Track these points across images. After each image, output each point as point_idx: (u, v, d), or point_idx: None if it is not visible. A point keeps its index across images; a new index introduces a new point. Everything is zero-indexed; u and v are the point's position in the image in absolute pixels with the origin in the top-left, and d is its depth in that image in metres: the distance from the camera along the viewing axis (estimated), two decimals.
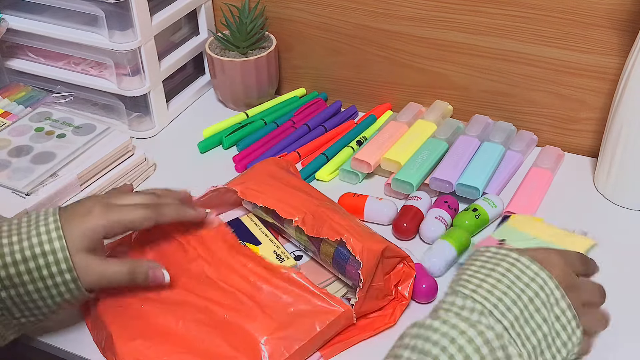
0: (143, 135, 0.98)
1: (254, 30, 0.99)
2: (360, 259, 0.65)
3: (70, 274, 0.60)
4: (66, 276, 0.60)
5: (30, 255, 0.59)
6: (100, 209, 0.64)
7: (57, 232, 0.61)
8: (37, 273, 0.59)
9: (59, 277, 0.60)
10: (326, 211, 0.71)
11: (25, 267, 0.59)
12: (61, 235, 0.60)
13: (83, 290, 0.62)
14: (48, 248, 0.60)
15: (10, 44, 0.99)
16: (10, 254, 0.59)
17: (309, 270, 0.74)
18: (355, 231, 0.68)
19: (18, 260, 0.59)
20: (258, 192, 0.74)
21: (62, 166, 0.81)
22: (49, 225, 0.61)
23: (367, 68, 1.01)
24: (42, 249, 0.60)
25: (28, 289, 0.60)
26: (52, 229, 0.61)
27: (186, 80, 1.06)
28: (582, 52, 0.86)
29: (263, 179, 0.77)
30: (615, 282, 0.74)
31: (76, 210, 0.64)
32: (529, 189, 0.85)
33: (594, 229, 0.80)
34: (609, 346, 0.67)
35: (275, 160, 0.83)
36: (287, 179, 0.78)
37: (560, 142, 0.94)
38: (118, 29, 0.89)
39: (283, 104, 1.03)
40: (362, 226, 0.71)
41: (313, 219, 0.70)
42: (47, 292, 0.60)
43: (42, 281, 0.60)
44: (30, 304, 0.60)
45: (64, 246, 0.60)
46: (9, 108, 0.94)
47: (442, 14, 0.91)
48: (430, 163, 0.86)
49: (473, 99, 0.96)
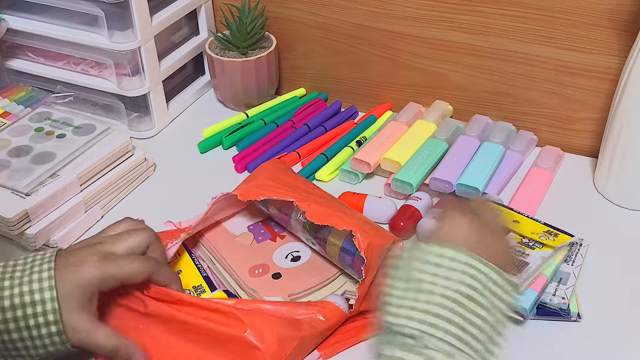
0: (143, 135, 0.98)
1: (254, 30, 0.99)
2: (364, 256, 0.65)
3: (56, 326, 0.58)
4: (52, 328, 0.58)
5: (19, 303, 0.58)
6: (94, 261, 0.61)
7: (49, 281, 0.59)
8: (24, 322, 0.58)
9: (44, 329, 0.58)
10: (332, 204, 0.71)
11: (12, 314, 0.58)
12: (52, 286, 0.58)
13: (68, 346, 0.60)
14: (38, 297, 0.58)
15: (10, 44, 0.99)
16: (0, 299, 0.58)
17: (312, 266, 0.75)
18: (361, 226, 0.68)
19: (6, 307, 0.58)
20: (259, 190, 0.74)
21: (62, 166, 0.81)
22: (43, 273, 0.59)
23: (367, 68, 1.01)
24: (32, 298, 0.58)
25: (12, 337, 0.58)
26: (45, 278, 0.59)
27: (186, 80, 1.06)
28: (582, 52, 0.86)
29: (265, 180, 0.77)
30: (615, 282, 0.74)
31: (70, 260, 0.61)
32: (529, 189, 0.85)
33: (594, 229, 0.80)
34: (610, 345, 0.67)
35: (275, 162, 0.83)
36: (289, 178, 0.78)
37: (560, 142, 0.94)
38: (118, 29, 0.89)
39: (283, 104, 1.03)
40: (368, 222, 0.71)
41: (318, 207, 0.70)
42: (31, 342, 0.59)
43: (27, 330, 0.58)
44: (13, 352, 0.59)
45: (54, 297, 0.58)
46: (9, 108, 0.94)
47: (442, 14, 0.91)
48: (430, 163, 0.86)
49: (473, 99, 0.96)
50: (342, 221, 0.68)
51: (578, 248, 0.74)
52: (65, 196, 0.80)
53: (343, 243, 0.70)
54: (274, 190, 0.74)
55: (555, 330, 0.68)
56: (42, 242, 0.77)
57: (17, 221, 0.75)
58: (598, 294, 0.72)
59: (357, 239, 0.66)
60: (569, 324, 0.69)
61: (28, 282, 0.59)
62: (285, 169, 0.81)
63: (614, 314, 0.70)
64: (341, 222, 0.68)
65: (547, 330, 0.68)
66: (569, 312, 0.68)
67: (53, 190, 0.78)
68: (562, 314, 0.68)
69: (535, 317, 0.69)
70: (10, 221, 0.74)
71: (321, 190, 0.77)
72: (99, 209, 0.83)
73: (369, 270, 0.66)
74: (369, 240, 0.66)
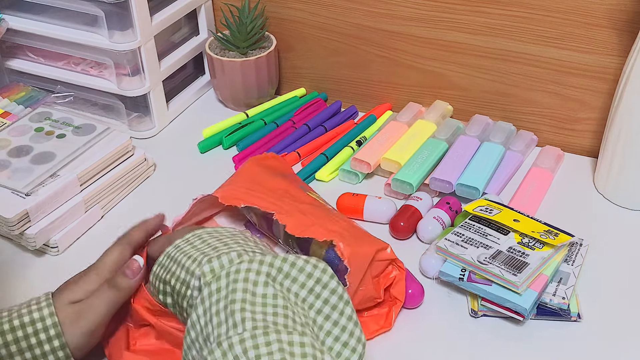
0: (143, 135, 0.98)
1: (254, 30, 0.99)
2: (347, 265, 0.65)
3: (59, 340, 0.59)
4: (54, 343, 0.59)
5: (18, 325, 0.59)
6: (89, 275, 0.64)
7: (47, 301, 0.60)
8: (25, 342, 0.59)
9: (47, 345, 0.59)
10: (316, 210, 0.70)
11: (12, 336, 0.59)
12: (50, 303, 0.60)
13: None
14: (37, 316, 0.59)
15: (10, 44, 0.99)
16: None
17: None
18: (344, 235, 0.67)
19: (6, 330, 0.59)
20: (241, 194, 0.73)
21: (62, 166, 0.81)
22: (40, 298, 0.61)
23: (367, 68, 1.01)
24: (31, 317, 0.59)
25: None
26: (42, 300, 0.61)
27: (186, 80, 1.06)
28: (582, 52, 0.86)
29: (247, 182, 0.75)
30: (615, 282, 0.74)
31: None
32: (529, 189, 0.85)
33: (594, 229, 0.80)
34: (610, 345, 0.67)
35: (259, 161, 0.81)
36: (273, 181, 0.76)
37: (560, 142, 0.94)
38: (118, 29, 0.89)
39: (283, 104, 1.03)
40: (353, 227, 0.71)
41: (300, 216, 0.69)
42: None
43: (29, 351, 0.59)
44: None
45: (53, 312, 0.60)
46: (9, 108, 0.94)
47: (442, 14, 0.91)
48: (430, 163, 0.86)
49: (473, 99, 0.96)
50: (324, 230, 0.67)
51: (578, 248, 0.74)
52: (65, 196, 0.80)
53: (325, 253, 0.69)
54: (256, 195, 0.72)
55: (555, 330, 0.68)
56: (42, 242, 0.77)
57: (17, 221, 0.75)
58: (598, 294, 0.72)
59: (339, 248, 0.66)
60: (569, 324, 0.69)
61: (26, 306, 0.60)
62: (272, 167, 0.79)
63: (614, 314, 0.70)
64: (323, 232, 0.67)
65: (547, 330, 0.68)
66: (569, 312, 0.68)
67: (53, 190, 0.78)
68: (562, 314, 0.68)
69: (535, 317, 0.69)
70: (10, 221, 0.74)
71: (306, 195, 0.75)
72: (99, 209, 0.83)
73: (354, 278, 0.65)
74: (352, 249, 0.66)
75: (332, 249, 0.68)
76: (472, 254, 0.70)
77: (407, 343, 0.67)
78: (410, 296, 0.70)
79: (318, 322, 0.52)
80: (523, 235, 0.72)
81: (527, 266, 0.68)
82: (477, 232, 0.73)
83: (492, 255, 0.70)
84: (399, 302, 0.69)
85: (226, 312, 0.49)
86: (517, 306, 0.67)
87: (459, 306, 0.71)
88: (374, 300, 0.68)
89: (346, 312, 0.52)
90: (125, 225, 0.69)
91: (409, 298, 0.70)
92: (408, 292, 0.69)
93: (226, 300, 0.50)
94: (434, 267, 0.73)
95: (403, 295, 0.69)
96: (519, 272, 0.67)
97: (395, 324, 0.69)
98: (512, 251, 0.70)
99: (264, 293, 0.50)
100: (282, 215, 0.69)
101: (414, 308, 0.71)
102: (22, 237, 0.77)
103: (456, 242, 0.72)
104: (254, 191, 0.73)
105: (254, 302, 0.50)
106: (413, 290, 0.70)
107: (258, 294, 0.50)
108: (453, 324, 0.69)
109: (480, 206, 0.76)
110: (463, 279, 0.70)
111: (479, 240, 0.72)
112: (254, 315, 0.48)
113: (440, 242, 0.72)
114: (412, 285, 0.70)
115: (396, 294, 0.69)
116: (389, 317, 0.69)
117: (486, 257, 0.69)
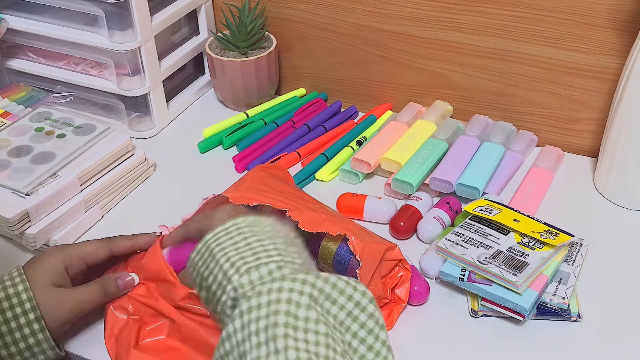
0: (143, 135, 0.98)
1: (254, 30, 0.99)
2: (360, 259, 0.65)
3: (34, 312, 0.61)
4: (30, 316, 0.61)
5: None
6: (55, 248, 0.67)
7: (20, 277, 0.63)
8: (1, 316, 0.61)
9: (22, 318, 0.61)
10: (324, 210, 0.71)
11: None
12: (24, 279, 0.62)
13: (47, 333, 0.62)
14: (12, 291, 0.61)
15: (10, 44, 0.99)
16: None
17: None
18: (354, 231, 0.68)
19: None
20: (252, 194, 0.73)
21: (62, 166, 0.81)
22: (13, 273, 0.63)
23: (367, 68, 1.01)
24: (6, 293, 0.61)
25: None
26: (16, 276, 0.63)
27: (186, 80, 1.06)
28: (582, 52, 0.86)
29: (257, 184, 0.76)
30: (615, 282, 0.74)
31: (34, 259, 0.66)
32: (529, 189, 0.85)
33: (594, 229, 0.80)
34: (610, 345, 0.67)
35: (267, 168, 0.82)
36: (281, 185, 0.77)
37: (560, 142, 0.94)
38: (118, 29, 0.89)
39: (283, 104, 1.03)
40: (361, 228, 0.71)
41: (311, 214, 0.70)
42: (10, 336, 0.61)
43: (5, 324, 0.61)
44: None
45: (27, 287, 0.62)
46: (9, 108, 0.94)
47: (442, 14, 0.91)
48: (430, 163, 0.86)
49: (473, 99, 0.96)
50: (336, 226, 0.68)
51: (578, 248, 0.74)
52: (66, 196, 0.80)
53: (337, 247, 0.70)
54: (266, 195, 0.73)
55: (555, 330, 0.68)
56: (42, 242, 0.77)
57: (17, 221, 0.75)
58: (598, 294, 0.72)
59: (352, 242, 0.66)
60: (569, 323, 0.69)
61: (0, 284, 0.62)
62: (276, 175, 0.80)
63: (614, 314, 0.70)
64: (335, 227, 0.68)
65: (547, 330, 0.68)
66: (569, 312, 0.68)
67: (53, 190, 0.78)
68: (562, 314, 0.68)
69: (535, 317, 0.69)
70: (10, 221, 0.74)
71: (313, 199, 0.76)
72: (99, 209, 0.83)
73: (365, 273, 0.66)
74: (364, 245, 0.66)
75: (344, 244, 0.68)
76: (472, 254, 0.70)
77: (408, 343, 0.67)
78: (416, 293, 0.70)
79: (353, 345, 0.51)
80: (523, 235, 0.72)
81: (527, 266, 0.68)
82: (477, 232, 0.73)
83: (492, 255, 0.70)
84: (401, 303, 0.69)
85: (267, 334, 0.48)
86: (517, 306, 0.67)
87: (459, 306, 0.71)
88: (381, 300, 0.69)
89: (381, 337, 0.52)
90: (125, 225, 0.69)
91: (415, 295, 0.70)
92: (414, 289, 0.70)
93: (267, 321, 0.48)
94: (434, 267, 0.73)
95: (407, 296, 0.69)
96: (519, 272, 0.67)
97: (396, 323, 0.69)
98: (512, 251, 0.70)
99: (306, 317, 0.49)
100: (294, 212, 0.69)
101: (420, 305, 0.71)
102: (22, 237, 0.77)
103: (456, 242, 0.72)
104: (263, 192, 0.73)
105: (297, 326, 0.48)
106: (419, 287, 0.70)
107: (301, 317, 0.49)
108: (453, 324, 0.69)
109: (480, 206, 0.76)
110: (463, 279, 0.70)
111: (479, 240, 0.72)
112: (297, 344, 0.47)
113: (441, 242, 0.72)
114: (418, 282, 0.70)
115: (400, 295, 0.69)
116: (390, 317, 0.69)
117: (486, 257, 0.69)
